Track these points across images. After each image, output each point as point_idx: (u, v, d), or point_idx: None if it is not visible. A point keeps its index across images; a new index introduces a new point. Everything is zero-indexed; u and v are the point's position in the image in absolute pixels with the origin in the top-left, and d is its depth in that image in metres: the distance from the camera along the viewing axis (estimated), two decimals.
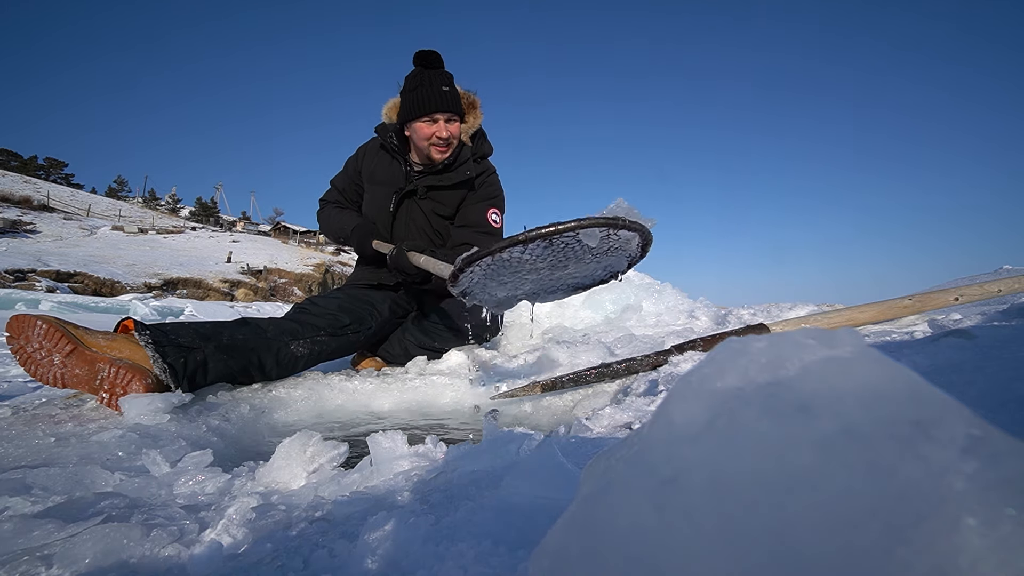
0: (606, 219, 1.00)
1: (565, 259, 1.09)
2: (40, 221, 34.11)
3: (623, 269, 1.23)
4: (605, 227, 1.01)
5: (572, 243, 1.03)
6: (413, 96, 1.87)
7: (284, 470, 0.79)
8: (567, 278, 1.22)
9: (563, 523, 0.32)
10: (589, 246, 1.03)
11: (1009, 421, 0.59)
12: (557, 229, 0.99)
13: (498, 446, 0.75)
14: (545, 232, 0.99)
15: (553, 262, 1.10)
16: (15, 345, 1.26)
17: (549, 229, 0.99)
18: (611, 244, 1.07)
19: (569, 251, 1.06)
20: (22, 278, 21.58)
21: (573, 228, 0.98)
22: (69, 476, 0.79)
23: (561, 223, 0.99)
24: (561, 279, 1.22)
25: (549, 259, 1.08)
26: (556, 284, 1.25)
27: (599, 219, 1.00)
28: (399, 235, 2.08)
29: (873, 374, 0.25)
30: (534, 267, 1.11)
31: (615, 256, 1.14)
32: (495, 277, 1.14)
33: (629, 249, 1.13)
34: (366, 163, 2.15)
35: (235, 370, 1.49)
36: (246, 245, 40.28)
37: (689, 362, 1.39)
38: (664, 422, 0.29)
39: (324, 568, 0.51)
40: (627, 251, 1.13)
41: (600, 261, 1.15)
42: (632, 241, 1.09)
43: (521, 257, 1.06)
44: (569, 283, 1.26)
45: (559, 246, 1.04)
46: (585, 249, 1.05)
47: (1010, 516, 0.20)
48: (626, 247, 1.11)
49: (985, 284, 1.87)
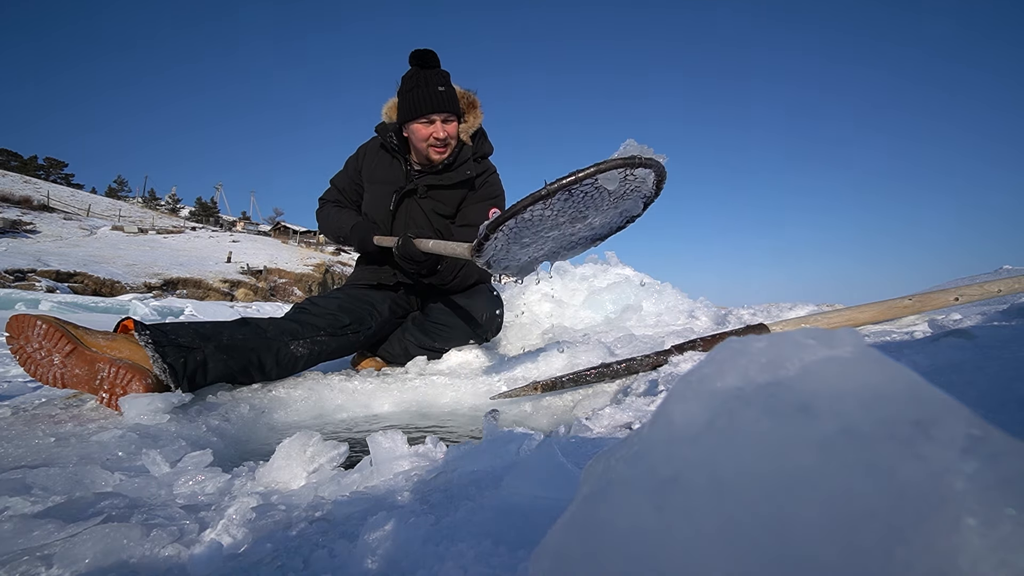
0: (623, 159, 1.01)
1: (585, 208, 1.11)
2: (40, 221, 34.10)
3: (639, 211, 1.25)
4: (623, 167, 1.02)
5: (591, 190, 1.05)
6: (409, 97, 1.87)
7: (284, 470, 0.79)
8: (586, 229, 1.23)
9: (563, 523, 0.32)
10: (608, 190, 1.05)
11: (1009, 421, 0.59)
12: (577, 177, 1.00)
13: (498, 446, 0.75)
14: (567, 182, 1.00)
15: (573, 214, 1.11)
16: (15, 345, 1.26)
17: (570, 179, 1.00)
18: (628, 186, 1.09)
19: (588, 199, 1.08)
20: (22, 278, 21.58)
21: (593, 173, 1.00)
22: (69, 476, 0.79)
23: (580, 170, 1.00)
24: (580, 232, 1.23)
25: (570, 211, 1.10)
26: (576, 239, 1.26)
27: (616, 160, 1.01)
28: (399, 234, 2.08)
29: (873, 374, 0.25)
30: (555, 222, 1.12)
31: (631, 199, 1.16)
32: (517, 240, 1.16)
33: (644, 189, 1.15)
34: (366, 162, 2.14)
35: (235, 370, 1.49)
36: (246, 245, 40.28)
37: (689, 362, 1.39)
38: (664, 422, 0.29)
39: (324, 568, 0.51)
40: (643, 192, 1.15)
41: (617, 206, 1.17)
42: (648, 179, 1.11)
43: (544, 213, 1.07)
44: (587, 235, 1.28)
45: (579, 196, 1.06)
46: (604, 195, 1.07)
47: (1010, 516, 0.20)
48: (642, 187, 1.13)
49: (985, 284, 1.87)
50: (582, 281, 2.85)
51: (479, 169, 2.06)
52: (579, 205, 1.09)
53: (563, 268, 2.98)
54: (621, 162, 1.01)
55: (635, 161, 1.02)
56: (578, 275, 2.90)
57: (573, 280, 2.87)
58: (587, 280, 2.85)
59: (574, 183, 1.00)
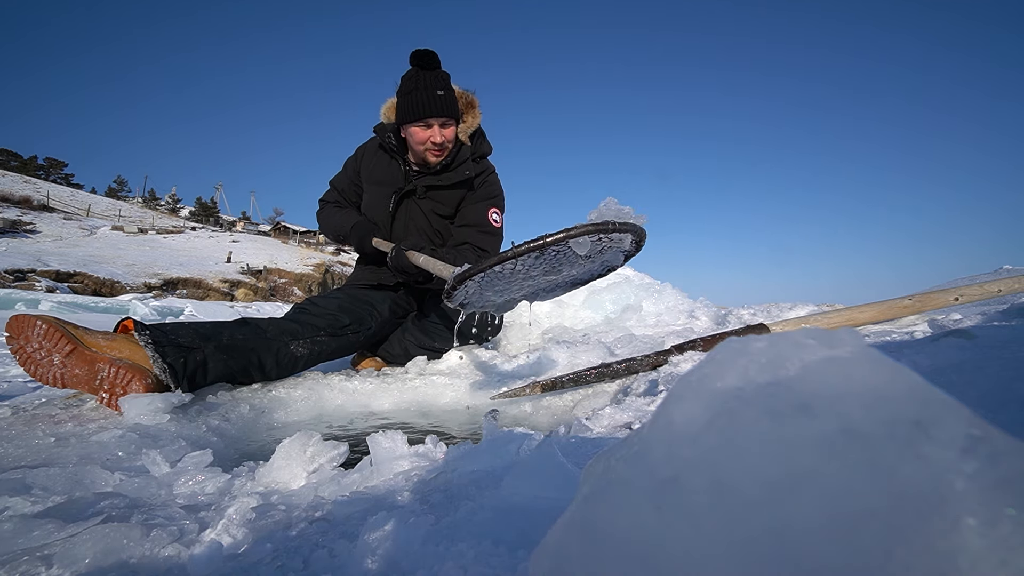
0: (595, 225, 0.97)
1: (559, 264, 1.08)
2: (40, 221, 34.11)
3: (619, 263, 1.22)
4: (595, 233, 0.98)
5: (564, 250, 1.02)
6: (408, 100, 1.87)
7: (284, 470, 0.79)
8: (565, 277, 1.22)
9: (563, 523, 0.33)
10: (579, 254, 1.01)
11: (1009, 421, 0.59)
12: (546, 242, 0.96)
13: (498, 446, 0.75)
14: (534, 246, 0.97)
15: (546, 268, 1.09)
16: (15, 345, 1.26)
17: (538, 243, 0.97)
18: (603, 245, 1.06)
19: (561, 257, 1.05)
20: (22, 278, 21.58)
21: (563, 239, 0.96)
22: (69, 476, 0.79)
23: (549, 235, 0.97)
24: (558, 280, 1.21)
25: (542, 266, 1.07)
26: (554, 284, 1.24)
27: (588, 226, 0.97)
28: (398, 235, 2.08)
29: (873, 374, 0.25)
30: (527, 275, 1.10)
31: (610, 253, 1.14)
32: (490, 287, 1.14)
33: (623, 247, 1.12)
34: (365, 163, 2.14)
35: (235, 370, 1.49)
36: (246, 245, 40.27)
37: (689, 362, 1.39)
38: (664, 422, 0.29)
39: (324, 568, 0.51)
40: (622, 248, 1.12)
41: (595, 260, 1.14)
42: (625, 239, 1.08)
43: (515, 268, 1.04)
44: (567, 281, 1.26)
45: (550, 255, 1.02)
46: (577, 255, 1.04)
47: (1010, 516, 0.20)
48: (619, 245, 1.10)
49: (985, 284, 1.87)
50: None
51: (478, 169, 2.06)
52: (552, 262, 1.06)
53: None
54: (593, 228, 0.96)
55: (608, 227, 0.97)
56: None
57: None
58: None
59: (542, 247, 0.96)
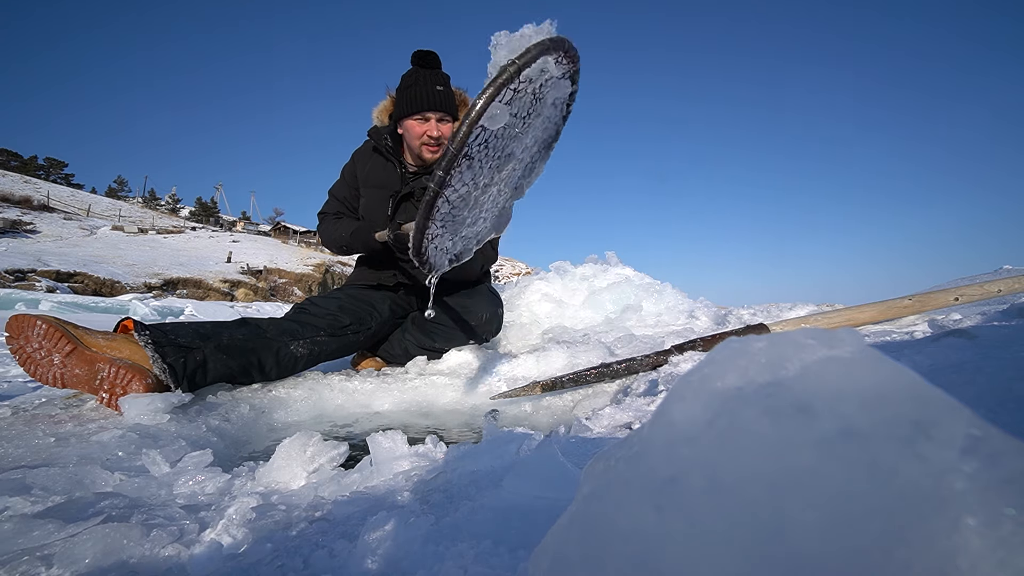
0: (491, 82, 0.81)
1: (501, 151, 0.93)
2: (40, 221, 34.11)
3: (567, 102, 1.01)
4: (500, 90, 0.81)
5: (489, 137, 0.87)
6: (407, 94, 1.87)
7: (284, 470, 0.79)
8: (529, 150, 1.04)
9: (563, 523, 0.33)
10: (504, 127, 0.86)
11: (1009, 421, 0.59)
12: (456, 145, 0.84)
13: (498, 446, 0.75)
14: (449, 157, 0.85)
15: (494, 165, 0.95)
16: (15, 345, 1.25)
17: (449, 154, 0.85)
18: (525, 96, 0.87)
19: (496, 143, 0.90)
20: (22, 278, 21.58)
21: (469, 129, 0.83)
22: (69, 476, 0.79)
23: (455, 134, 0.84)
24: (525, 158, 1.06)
25: (487, 167, 0.93)
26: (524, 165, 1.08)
27: (486, 89, 0.81)
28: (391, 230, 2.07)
29: (873, 374, 0.25)
30: (479, 186, 0.96)
31: (548, 91, 0.94)
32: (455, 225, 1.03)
33: (552, 74, 0.90)
34: (360, 167, 2.14)
35: (235, 370, 1.49)
36: (246, 245, 40.28)
37: (689, 362, 1.39)
38: (664, 422, 0.29)
39: (324, 568, 0.51)
40: (552, 76, 0.91)
41: (537, 112, 0.95)
42: (548, 67, 0.87)
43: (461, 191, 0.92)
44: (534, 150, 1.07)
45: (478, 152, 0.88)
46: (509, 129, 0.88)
47: (1010, 516, 0.20)
48: (544, 77, 0.89)
49: (985, 284, 1.87)
50: (582, 281, 2.85)
51: None
52: (492, 156, 0.91)
53: (563, 268, 2.99)
54: (492, 88, 0.79)
55: (509, 72, 0.79)
56: (578, 275, 2.90)
57: (573, 280, 2.87)
58: (587, 280, 2.85)
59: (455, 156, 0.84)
